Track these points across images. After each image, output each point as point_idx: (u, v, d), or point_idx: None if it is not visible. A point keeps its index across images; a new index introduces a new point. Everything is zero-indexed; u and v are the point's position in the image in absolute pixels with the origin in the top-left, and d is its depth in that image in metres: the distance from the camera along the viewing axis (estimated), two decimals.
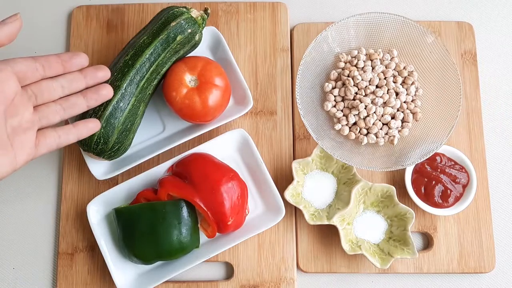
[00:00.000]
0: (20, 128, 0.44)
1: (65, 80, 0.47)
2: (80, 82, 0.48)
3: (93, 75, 0.48)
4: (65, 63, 0.46)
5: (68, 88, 0.47)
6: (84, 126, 0.50)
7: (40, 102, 0.46)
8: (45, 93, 0.46)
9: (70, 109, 0.48)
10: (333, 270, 0.61)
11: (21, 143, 0.44)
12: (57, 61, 0.46)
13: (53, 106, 0.47)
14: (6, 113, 0.43)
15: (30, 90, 0.45)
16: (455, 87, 0.60)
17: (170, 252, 0.56)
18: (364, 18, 0.62)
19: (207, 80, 0.58)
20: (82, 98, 0.48)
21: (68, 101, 0.48)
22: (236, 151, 0.62)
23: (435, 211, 0.60)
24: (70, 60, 0.47)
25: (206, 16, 0.60)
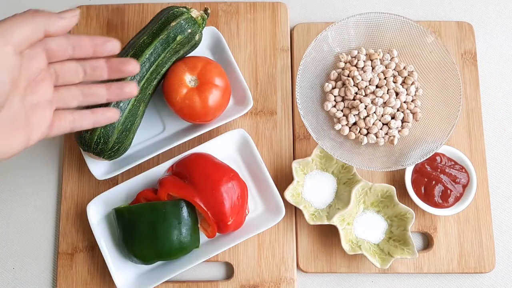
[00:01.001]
0: (38, 106, 0.42)
1: (89, 65, 0.45)
2: (103, 72, 0.45)
3: (118, 68, 0.45)
4: (97, 47, 0.44)
5: (91, 75, 0.45)
6: (102, 114, 0.47)
7: (60, 83, 0.44)
8: (67, 75, 0.44)
9: (90, 97, 0.46)
10: (333, 270, 0.61)
11: (37, 122, 0.42)
12: (89, 44, 0.44)
13: (73, 90, 0.45)
14: (27, 89, 0.41)
15: (53, 69, 0.43)
16: (455, 87, 0.60)
17: (170, 252, 0.56)
18: (364, 18, 0.62)
19: (207, 80, 0.58)
20: (105, 90, 0.46)
21: (89, 88, 0.46)
22: (236, 151, 0.62)
23: (435, 211, 0.60)
24: (103, 45, 0.44)
25: (206, 16, 0.60)
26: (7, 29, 0.36)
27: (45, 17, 0.39)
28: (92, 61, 0.45)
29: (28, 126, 0.41)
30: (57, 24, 0.40)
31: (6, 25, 0.37)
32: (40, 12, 0.39)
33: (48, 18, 0.39)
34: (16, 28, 0.37)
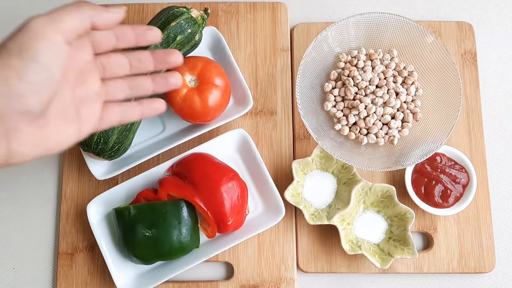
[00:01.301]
0: (87, 99, 0.42)
1: (135, 58, 0.45)
2: (149, 64, 0.45)
3: (163, 59, 0.45)
4: (139, 36, 0.44)
5: (137, 67, 0.45)
6: (150, 105, 0.47)
7: (107, 76, 0.44)
8: (114, 68, 0.44)
9: (136, 90, 0.46)
10: (333, 270, 0.61)
11: (87, 115, 0.42)
12: (131, 33, 0.43)
13: (120, 83, 0.45)
14: (76, 81, 0.41)
15: (100, 61, 0.44)
16: (455, 87, 0.60)
17: (170, 252, 0.56)
18: (364, 18, 0.62)
19: (207, 80, 0.58)
20: (150, 81, 0.46)
21: (135, 80, 0.46)
22: (236, 151, 0.62)
23: (435, 211, 0.60)
24: (144, 33, 0.44)
25: (206, 16, 0.60)
26: (58, 18, 0.37)
27: (92, 9, 0.39)
28: (137, 53, 0.45)
29: (78, 119, 0.41)
30: (104, 16, 0.40)
31: (57, 14, 0.37)
32: (88, 3, 0.39)
33: (96, 10, 0.39)
34: (66, 18, 0.37)
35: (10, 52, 0.35)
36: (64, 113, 0.40)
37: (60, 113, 0.40)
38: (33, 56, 0.35)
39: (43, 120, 0.38)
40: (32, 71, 0.35)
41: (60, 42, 0.37)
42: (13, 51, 0.35)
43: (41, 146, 0.38)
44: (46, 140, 0.38)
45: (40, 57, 0.36)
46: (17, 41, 0.36)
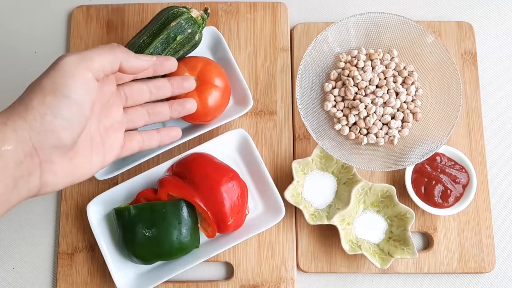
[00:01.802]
0: (111, 128, 0.45)
1: (154, 85, 0.48)
2: (167, 90, 0.49)
3: (180, 85, 0.49)
4: (156, 66, 0.47)
5: (156, 94, 0.48)
6: (167, 133, 0.50)
7: (129, 104, 0.47)
8: (135, 96, 0.47)
9: (155, 116, 0.49)
10: (333, 270, 0.61)
11: (111, 143, 0.45)
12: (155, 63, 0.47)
13: (140, 110, 0.48)
14: (102, 112, 0.44)
15: (123, 91, 0.46)
16: (455, 87, 0.60)
17: (170, 252, 0.56)
18: (364, 18, 0.62)
19: (206, 81, 0.58)
20: (168, 108, 0.49)
21: (154, 107, 0.49)
22: (236, 151, 0.62)
23: (435, 211, 0.60)
24: (162, 64, 0.47)
25: (206, 16, 0.60)
26: (89, 57, 0.39)
27: (123, 53, 0.42)
28: (156, 81, 0.48)
29: (103, 148, 0.44)
30: (133, 62, 0.43)
31: (89, 53, 0.40)
32: (121, 48, 0.42)
33: (127, 55, 0.42)
34: (97, 58, 0.40)
35: (44, 89, 0.38)
36: (91, 143, 0.42)
37: (88, 144, 0.42)
38: (66, 93, 0.38)
39: (73, 152, 0.40)
40: (65, 108, 0.37)
41: (90, 79, 0.39)
42: (47, 89, 0.38)
43: (71, 176, 0.40)
44: (75, 170, 0.41)
45: (73, 94, 0.38)
46: (51, 78, 0.38)
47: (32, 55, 0.69)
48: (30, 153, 0.37)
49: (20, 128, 0.37)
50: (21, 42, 0.69)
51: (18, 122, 0.37)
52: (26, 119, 0.37)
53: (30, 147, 0.37)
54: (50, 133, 0.37)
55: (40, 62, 0.68)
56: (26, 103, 0.38)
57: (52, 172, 0.39)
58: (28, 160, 0.37)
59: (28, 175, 0.37)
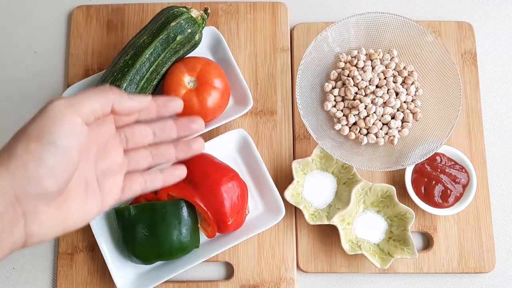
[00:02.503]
0: (109, 171, 0.43)
1: (158, 127, 0.46)
2: (172, 132, 0.46)
3: (187, 127, 0.46)
4: (160, 108, 0.45)
5: (160, 136, 0.46)
6: (172, 172, 0.47)
7: (130, 147, 0.45)
8: (137, 138, 0.45)
9: (159, 157, 0.46)
10: (333, 270, 0.61)
11: (109, 187, 0.43)
12: (152, 105, 0.45)
13: (143, 152, 0.46)
14: (98, 155, 0.42)
15: (123, 134, 0.44)
16: (455, 87, 0.60)
17: (170, 252, 0.56)
18: (364, 18, 0.62)
19: (206, 82, 0.58)
20: (173, 149, 0.47)
21: (158, 149, 0.46)
22: (236, 151, 0.62)
23: (435, 211, 0.60)
24: (165, 105, 0.45)
25: (206, 16, 0.60)
26: (78, 101, 0.38)
27: (116, 95, 0.40)
28: (160, 123, 0.46)
29: (101, 192, 0.42)
30: (126, 104, 0.41)
31: (78, 97, 0.38)
32: (112, 90, 0.41)
33: (119, 97, 0.41)
34: (87, 102, 0.38)
35: (30, 136, 0.36)
36: (85, 188, 0.41)
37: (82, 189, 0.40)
38: (52, 140, 0.36)
39: (61, 199, 0.38)
40: (49, 155, 0.36)
41: (78, 124, 0.38)
42: (32, 135, 0.36)
43: (61, 225, 0.39)
44: (66, 218, 0.39)
45: (58, 141, 0.36)
46: (37, 125, 0.37)
47: (32, 55, 0.69)
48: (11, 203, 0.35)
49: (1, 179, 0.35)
50: (21, 42, 0.69)
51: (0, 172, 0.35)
52: (9, 168, 0.35)
53: (11, 197, 0.35)
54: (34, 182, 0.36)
55: (40, 62, 0.68)
56: (10, 152, 0.36)
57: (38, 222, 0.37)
58: (10, 211, 0.35)
59: (12, 227, 0.35)
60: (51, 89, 0.67)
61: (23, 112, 0.66)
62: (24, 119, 0.38)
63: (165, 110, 0.45)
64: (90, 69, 0.67)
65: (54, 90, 0.67)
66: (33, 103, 0.67)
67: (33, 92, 0.67)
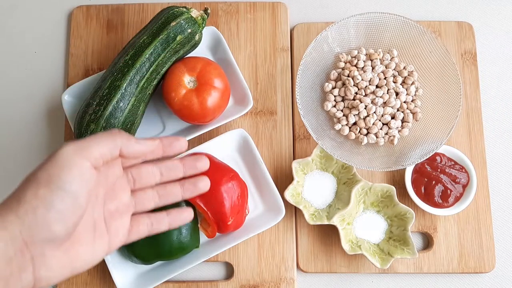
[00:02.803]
0: (117, 212, 0.43)
1: (164, 167, 0.46)
2: (179, 171, 0.47)
3: (193, 165, 0.47)
4: (166, 148, 0.45)
5: (167, 175, 0.46)
6: (178, 215, 0.47)
7: (138, 187, 0.45)
8: (144, 179, 0.45)
9: (166, 197, 0.47)
10: (333, 270, 0.61)
11: (116, 228, 0.43)
12: (159, 146, 0.45)
13: (150, 192, 0.46)
14: (106, 197, 0.43)
15: (130, 174, 0.45)
16: (455, 87, 0.60)
17: (170, 252, 0.56)
18: (364, 18, 0.62)
19: (206, 82, 0.58)
20: (179, 188, 0.47)
21: (165, 189, 0.47)
22: (236, 151, 0.62)
23: (435, 211, 0.60)
24: (171, 145, 0.45)
25: (206, 16, 0.60)
26: (87, 146, 0.39)
27: (123, 139, 0.41)
28: (167, 162, 0.46)
29: (108, 234, 0.42)
30: (134, 148, 0.42)
31: (87, 142, 0.39)
32: (121, 134, 0.41)
33: (127, 141, 0.42)
34: (95, 146, 0.39)
35: (39, 181, 0.37)
36: (93, 231, 0.41)
37: (90, 232, 0.40)
38: (61, 185, 0.37)
39: (69, 243, 0.38)
40: (59, 200, 0.36)
41: (87, 169, 0.38)
42: (42, 181, 0.37)
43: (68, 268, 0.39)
44: (73, 261, 0.39)
45: (67, 186, 0.37)
46: (46, 170, 0.37)
47: (32, 55, 0.69)
48: (20, 249, 0.35)
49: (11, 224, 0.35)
50: (21, 42, 0.69)
51: (9, 218, 0.35)
52: (18, 214, 0.36)
53: (20, 243, 0.35)
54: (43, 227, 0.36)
55: (40, 62, 0.68)
56: (19, 197, 0.36)
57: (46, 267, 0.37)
58: (18, 256, 0.35)
59: (20, 272, 0.35)
60: (51, 89, 0.67)
61: (23, 112, 0.67)
62: (24, 119, 0.38)
63: (170, 150, 0.45)
64: (90, 69, 0.67)
65: (54, 90, 0.67)
66: (33, 103, 0.67)
67: (33, 92, 0.67)
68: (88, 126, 0.55)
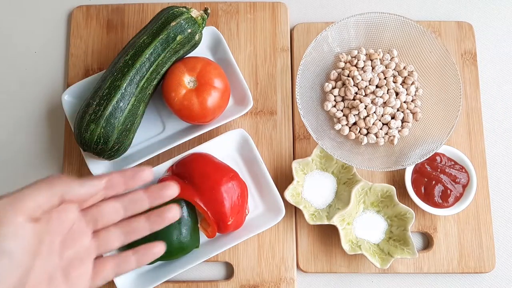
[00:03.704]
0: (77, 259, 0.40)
1: (128, 200, 0.42)
2: (144, 203, 0.42)
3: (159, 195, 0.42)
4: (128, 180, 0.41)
5: (131, 210, 0.42)
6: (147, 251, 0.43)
7: (100, 227, 0.42)
8: (106, 217, 0.41)
9: (132, 234, 0.43)
10: (333, 270, 0.61)
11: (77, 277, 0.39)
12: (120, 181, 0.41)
13: (113, 231, 0.42)
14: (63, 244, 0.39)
15: (90, 215, 0.41)
16: (455, 87, 0.60)
17: (170, 252, 0.56)
18: (364, 18, 0.62)
19: (206, 82, 0.58)
20: (145, 222, 0.43)
21: (130, 225, 0.43)
22: (236, 151, 0.62)
23: (435, 211, 0.60)
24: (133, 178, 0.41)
25: (206, 16, 0.60)
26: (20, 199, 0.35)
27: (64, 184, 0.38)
28: (130, 195, 0.43)
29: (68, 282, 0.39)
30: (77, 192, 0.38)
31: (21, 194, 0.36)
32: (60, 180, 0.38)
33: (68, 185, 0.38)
34: (29, 197, 0.36)
35: None
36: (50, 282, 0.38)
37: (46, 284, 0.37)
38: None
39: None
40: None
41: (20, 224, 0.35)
42: None
43: None
44: None
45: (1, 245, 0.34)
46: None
47: (32, 55, 0.69)
48: None
49: None
50: (21, 42, 0.69)
51: None
52: None
53: None
54: None
55: (40, 62, 0.69)
56: None
57: None
58: None
59: None
60: (51, 89, 0.67)
61: (23, 112, 0.67)
62: (24, 119, 0.37)
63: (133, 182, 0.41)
64: (90, 69, 0.67)
65: (54, 90, 0.67)
66: (33, 103, 0.67)
67: (33, 92, 0.67)
68: (88, 126, 0.55)
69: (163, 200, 0.43)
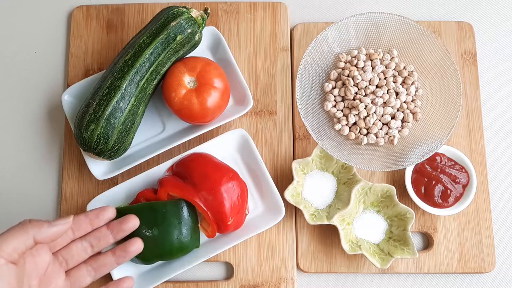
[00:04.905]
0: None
1: (93, 238, 0.47)
2: (108, 238, 0.48)
3: (120, 229, 0.48)
4: (93, 221, 0.47)
5: (97, 246, 0.48)
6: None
7: (71, 266, 0.46)
8: (76, 256, 0.46)
9: (101, 269, 0.48)
10: (333, 270, 0.61)
11: None
12: (85, 221, 0.47)
13: (84, 268, 0.47)
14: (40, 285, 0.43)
15: (61, 256, 0.46)
16: (455, 87, 0.60)
17: (170, 252, 0.56)
18: (364, 18, 0.62)
19: (206, 82, 0.58)
20: (112, 256, 0.49)
21: (97, 261, 0.48)
22: (236, 151, 0.62)
23: (435, 211, 0.60)
24: (97, 217, 0.47)
25: (206, 16, 0.60)
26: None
27: (35, 226, 0.42)
28: (95, 233, 0.48)
29: None
30: (47, 233, 0.43)
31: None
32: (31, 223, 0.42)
33: (39, 227, 0.42)
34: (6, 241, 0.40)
35: None
36: None
37: None
38: None
39: None
40: None
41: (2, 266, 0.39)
42: None
43: None
44: None
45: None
46: None
47: (32, 55, 0.69)
48: None
49: None
50: (21, 42, 0.69)
51: None
52: None
53: None
54: None
55: (40, 62, 0.69)
56: None
57: None
58: None
59: None
60: (51, 89, 0.67)
61: (23, 112, 0.67)
62: (24, 119, 0.38)
63: (98, 221, 0.47)
64: (90, 69, 0.67)
65: (54, 90, 0.67)
66: (33, 103, 0.67)
67: (33, 92, 0.67)
68: (88, 126, 0.55)
69: (125, 234, 0.49)
